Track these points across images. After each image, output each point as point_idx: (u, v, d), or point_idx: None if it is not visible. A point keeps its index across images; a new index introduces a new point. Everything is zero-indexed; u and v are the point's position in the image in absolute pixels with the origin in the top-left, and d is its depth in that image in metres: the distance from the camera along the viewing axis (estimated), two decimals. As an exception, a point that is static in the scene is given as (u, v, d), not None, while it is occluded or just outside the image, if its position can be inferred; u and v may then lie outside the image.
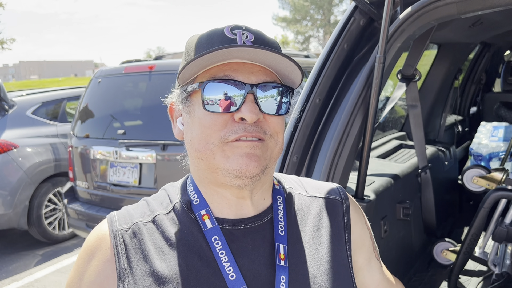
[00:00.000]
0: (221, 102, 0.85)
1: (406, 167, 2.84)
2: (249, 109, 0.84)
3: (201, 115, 0.88)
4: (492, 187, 2.62)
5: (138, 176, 4.21)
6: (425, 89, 3.81)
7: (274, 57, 0.84)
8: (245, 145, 0.85)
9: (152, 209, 0.96)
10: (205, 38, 0.89)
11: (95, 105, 4.80)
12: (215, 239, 0.89)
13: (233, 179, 0.86)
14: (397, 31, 1.77)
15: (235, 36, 0.86)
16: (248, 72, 0.87)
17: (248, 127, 0.85)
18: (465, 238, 2.53)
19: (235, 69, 0.86)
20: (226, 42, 0.85)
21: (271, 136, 0.89)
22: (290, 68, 0.87)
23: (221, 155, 0.86)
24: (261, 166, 0.87)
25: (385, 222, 2.31)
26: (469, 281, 2.80)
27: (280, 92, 0.89)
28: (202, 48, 0.88)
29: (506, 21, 2.99)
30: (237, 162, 0.85)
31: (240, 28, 0.88)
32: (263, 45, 0.87)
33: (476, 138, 3.91)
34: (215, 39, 0.87)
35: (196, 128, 0.89)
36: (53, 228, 5.63)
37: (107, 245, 0.90)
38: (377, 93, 1.72)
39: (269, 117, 0.89)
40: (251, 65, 0.87)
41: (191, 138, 0.90)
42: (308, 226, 1.00)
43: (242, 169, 0.85)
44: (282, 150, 0.93)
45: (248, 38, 0.86)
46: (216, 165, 0.87)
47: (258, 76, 0.87)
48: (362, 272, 1.10)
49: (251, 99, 0.85)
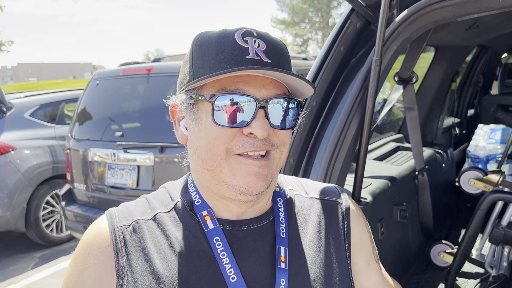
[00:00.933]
0: (231, 116, 0.83)
1: (403, 169, 2.84)
2: (260, 125, 0.83)
3: (208, 126, 0.85)
4: (489, 189, 2.63)
5: (136, 178, 4.20)
6: (423, 92, 3.82)
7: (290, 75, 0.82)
8: (253, 164, 0.84)
9: (153, 207, 0.95)
10: (215, 43, 0.85)
11: (93, 107, 4.80)
12: (216, 240, 0.89)
13: (238, 195, 0.86)
14: (393, 34, 1.77)
15: (247, 44, 0.84)
16: (260, 86, 0.84)
17: (257, 142, 0.84)
18: (461, 240, 2.53)
19: (246, 81, 0.84)
20: (237, 51, 0.83)
21: (278, 147, 0.88)
22: (301, 84, 0.86)
23: (228, 169, 0.85)
24: (268, 183, 0.87)
25: (382, 224, 2.32)
26: (466, 283, 2.80)
27: (289, 105, 0.88)
28: (211, 54, 0.85)
29: (503, 24, 3.00)
30: (245, 180, 0.84)
31: (251, 34, 0.85)
32: (275, 53, 0.86)
33: (474, 141, 3.93)
34: (226, 46, 0.84)
35: (203, 138, 0.87)
36: (50, 231, 5.62)
37: (106, 242, 0.88)
38: (373, 96, 1.72)
39: (278, 130, 0.88)
40: (263, 77, 0.85)
41: (197, 147, 0.88)
42: (308, 228, 1.00)
43: (249, 187, 0.84)
44: (285, 159, 0.93)
45: (260, 47, 0.84)
46: (222, 179, 0.86)
47: (269, 89, 0.85)
48: (361, 275, 1.10)
49: (261, 115, 0.84)
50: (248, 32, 0.85)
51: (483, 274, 2.85)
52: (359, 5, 1.82)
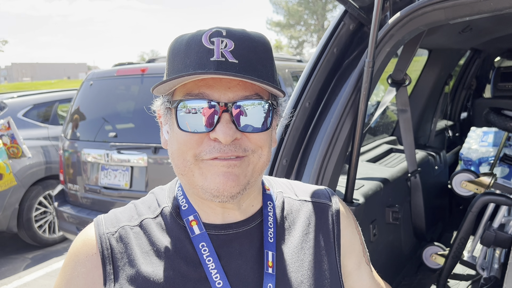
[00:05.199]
0: (193, 122, 0.81)
1: (396, 171, 2.85)
2: (223, 131, 0.80)
3: (177, 131, 0.85)
4: (481, 192, 2.64)
5: (129, 179, 4.19)
6: (416, 94, 3.84)
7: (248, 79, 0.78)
8: (221, 164, 0.82)
9: (140, 213, 0.95)
10: (184, 47, 0.83)
11: (87, 108, 4.78)
12: (202, 246, 0.89)
13: (212, 197, 0.84)
14: (386, 36, 1.78)
15: (213, 45, 0.80)
16: (225, 88, 0.81)
17: (224, 147, 0.81)
18: (453, 242, 2.55)
19: (210, 85, 0.81)
20: (201, 53, 0.80)
21: (253, 152, 0.85)
22: (269, 88, 0.82)
23: (198, 173, 0.84)
24: (241, 184, 0.84)
25: (375, 226, 2.32)
26: (458, 285, 2.81)
27: (261, 107, 0.84)
28: (179, 59, 0.83)
29: (495, 28, 3.02)
30: (214, 182, 0.83)
31: (220, 34, 0.81)
32: (244, 53, 0.81)
33: (466, 143, 3.95)
34: (192, 49, 0.81)
35: (174, 143, 0.87)
36: (43, 231, 5.58)
37: (93, 250, 0.89)
38: (366, 97, 1.73)
39: (250, 134, 0.84)
40: (229, 79, 0.81)
41: (172, 152, 0.88)
42: (297, 231, 0.99)
43: (219, 188, 0.83)
44: (268, 161, 0.89)
45: (227, 47, 0.80)
46: (195, 183, 0.86)
47: (236, 91, 0.81)
48: (352, 277, 1.09)
49: (226, 119, 0.80)
50: (217, 32, 0.81)
51: (475, 276, 2.86)
52: (352, 7, 1.83)
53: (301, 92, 1.85)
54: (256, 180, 0.90)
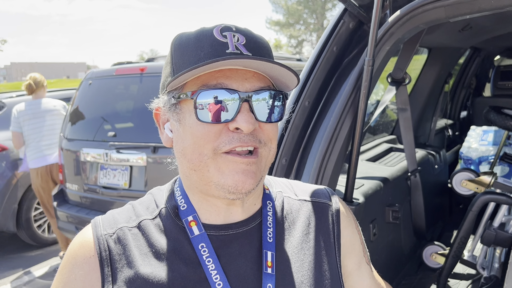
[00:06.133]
0: (215, 112, 0.81)
1: (395, 171, 2.84)
2: (246, 119, 0.81)
3: (193, 125, 0.84)
4: (481, 191, 2.64)
5: (129, 178, 4.18)
6: (416, 93, 3.83)
7: (270, 65, 0.80)
8: (241, 161, 0.82)
9: (138, 214, 0.94)
10: (194, 41, 0.84)
11: (86, 107, 4.77)
12: (202, 247, 0.88)
13: (227, 194, 0.84)
14: (386, 34, 1.77)
15: (226, 39, 0.82)
16: (242, 79, 0.83)
17: (244, 137, 0.82)
18: (453, 241, 2.54)
19: (228, 76, 0.82)
20: (216, 46, 0.81)
21: (265, 144, 0.86)
22: (285, 74, 0.84)
23: (215, 169, 0.83)
24: (257, 181, 0.85)
25: (375, 225, 2.32)
26: (458, 284, 2.81)
27: (274, 98, 0.86)
28: (191, 52, 0.83)
29: (495, 26, 3.01)
30: (233, 179, 0.82)
31: (230, 29, 0.83)
32: (255, 47, 0.84)
33: (466, 142, 3.95)
34: (205, 42, 0.82)
35: (188, 138, 0.85)
36: (42, 231, 5.57)
37: (91, 252, 0.88)
38: (365, 96, 1.72)
39: (264, 125, 0.86)
40: (245, 71, 0.83)
41: (183, 148, 0.86)
42: (296, 231, 0.99)
43: (237, 186, 0.83)
44: (274, 156, 0.91)
45: (240, 41, 0.82)
46: (209, 178, 0.85)
47: (252, 82, 0.83)
48: (352, 277, 1.08)
49: (246, 108, 0.82)
50: (226, 28, 0.84)
51: (475, 275, 2.86)
52: (352, 5, 1.82)
53: (300, 90, 1.84)
54: (264, 175, 0.90)
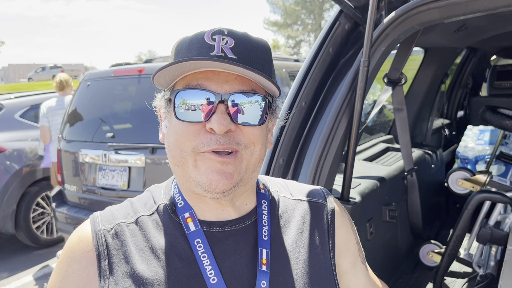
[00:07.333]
0: (192, 112, 0.84)
1: (392, 170, 2.86)
2: (218, 120, 0.82)
3: (175, 123, 0.88)
4: (476, 189, 2.66)
5: (127, 179, 4.19)
6: (412, 93, 3.85)
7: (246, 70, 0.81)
8: (217, 160, 0.84)
9: (136, 210, 0.96)
10: (187, 43, 0.88)
11: (84, 108, 4.78)
12: (197, 242, 0.90)
13: (204, 192, 0.86)
14: (381, 35, 1.79)
15: (214, 42, 0.84)
16: (222, 81, 0.85)
17: (220, 138, 0.84)
18: (449, 239, 2.56)
19: (209, 77, 0.85)
20: (204, 49, 0.84)
21: (246, 147, 0.87)
22: (265, 82, 0.85)
23: (193, 165, 0.86)
24: (233, 182, 0.86)
25: (371, 224, 2.33)
26: (454, 282, 2.83)
27: (256, 102, 0.87)
28: (182, 53, 0.87)
29: (491, 26, 3.04)
30: (207, 177, 0.85)
31: (222, 32, 0.85)
32: (244, 51, 0.85)
33: (463, 142, 3.97)
34: (194, 45, 0.86)
35: (172, 135, 0.89)
36: (41, 232, 5.58)
37: (89, 246, 0.89)
38: (361, 96, 1.74)
39: (244, 128, 0.86)
40: (227, 73, 0.85)
41: (169, 144, 0.90)
42: (291, 230, 1.00)
43: (211, 184, 0.85)
44: (261, 159, 0.91)
45: (228, 44, 0.84)
46: (189, 174, 0.87)
47: (233, 85, 0.85)
48: (347, 276, 1.10)
49: (221, 110, 0.83)
50: (219, 31, 0.86)
51: (471, 273, 2.88)
52: (348, 6, 1.84)
53: (297, 91, 1.86)
54: (249, 177, 0.91)
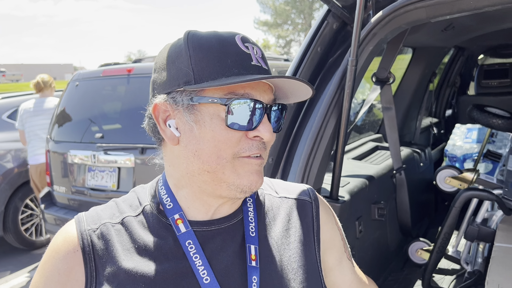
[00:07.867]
0: (243, 120, 0.85)
1: (381, 169, 2.88)
2: (268, 129, 0.87)
3: (215, 129, 0.85)
4: (464, 187, 2.69)
5: (117, 180, 4.17)
6: (401, 92, 3.88)
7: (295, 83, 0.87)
8: (255, 163, 0.88)
9: (122, 210, 0.95)
10: (217, 46, 0.85)
11: (73, 109, 4.74)
12: (189, 243, 0.89)
13: (239, 193, 0.89)
14: (369, 35, 1.80)
15: (248, 50, 0.87)
16: (262, 91, 0.88)
17: (260, 144, 0.88)
18: (437, 237, 2.58)
19: (253, 87, 0.86)
20: (241, 56, 0.85)
21: (265, 149, 0.92)
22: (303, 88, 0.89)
23: (231, 171, 0.87)
24: (263, 179, 0.92)
25: (360, 223, 2.35)
26: (443, 279, 2.86)
27: (282, 111, 0.93)
28: (215, 57, 0.84)
29: (478, 26, 3.07)
30: (248, 179, 0.88)
31: (248, 40, 0.89)
32: (265, 59, 0.91)
33: (451, 140, 4.01)
34: (230, 49, 0.85)
35: (207, 141, 0.86)
36: (30, 234, 5.52)
37: (75, 247, 0.88)
38: (349, 96, 1.75)
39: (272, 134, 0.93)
40: (263, 83, 0.88)
41: (198, 149, 0.87)
42: (277, 227, 1.01)
43: (251, 185, 0.88)
44: None
45: (258, 54, 0.89)
46: (223, 180, 0.87)
47: (269, 94, 0.90)
48: (333, 272, 1.11)
49: (267, 119, 0.88)
50: (245, 38, 0.89)
51: (459, 270, 2.91)
52: (335, 6, 1.85)
53: (285, 91, 1.86)
54: None
